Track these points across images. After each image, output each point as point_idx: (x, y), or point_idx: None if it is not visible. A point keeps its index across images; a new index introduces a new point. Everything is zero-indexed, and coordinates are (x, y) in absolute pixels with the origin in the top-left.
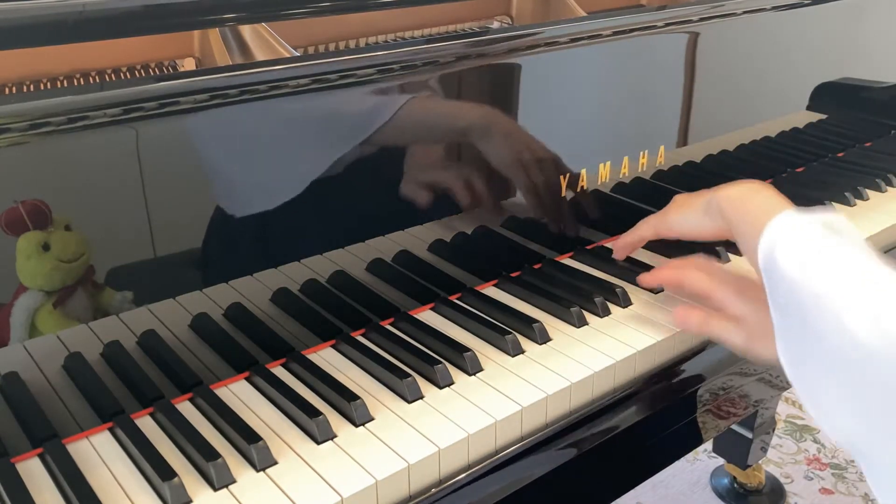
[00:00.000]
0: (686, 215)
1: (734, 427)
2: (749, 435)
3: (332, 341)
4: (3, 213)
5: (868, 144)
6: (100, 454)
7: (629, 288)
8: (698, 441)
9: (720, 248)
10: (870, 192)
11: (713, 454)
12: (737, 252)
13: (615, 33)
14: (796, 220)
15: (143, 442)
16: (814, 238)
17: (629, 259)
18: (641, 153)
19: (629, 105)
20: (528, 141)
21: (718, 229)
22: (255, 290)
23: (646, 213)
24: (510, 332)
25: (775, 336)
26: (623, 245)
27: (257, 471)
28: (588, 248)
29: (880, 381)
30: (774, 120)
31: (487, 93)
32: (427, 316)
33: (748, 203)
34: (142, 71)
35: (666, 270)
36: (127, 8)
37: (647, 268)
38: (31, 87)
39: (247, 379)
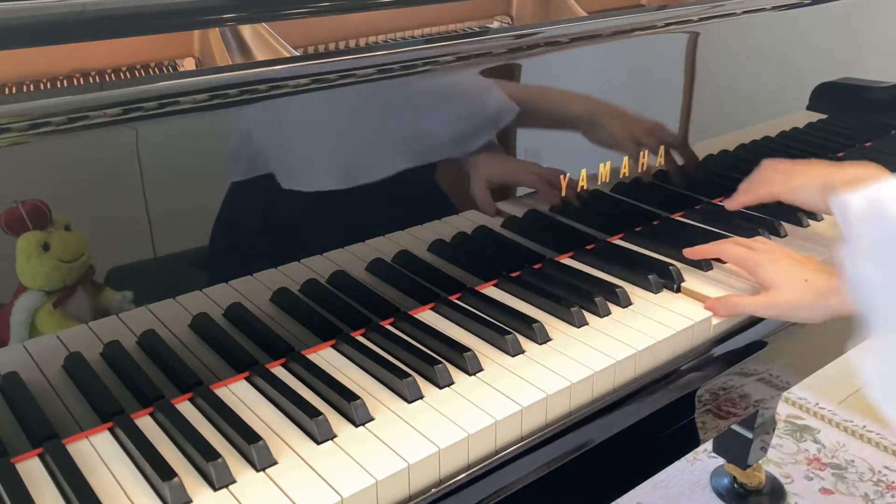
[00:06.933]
0: (806, 190)
1: (734, 427)
2: (749, 435)
3: (332, 341)
4: (3, 213)
5: (868, 144)
6: (100, 454)
7: (629, 288)
8: (698, 441)
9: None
10: None
11: (713, 454)
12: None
13: (615, 33)
14: None
15: (143, 442)
16: None
17: (630, 258)
18: (641, 153)
19: (629, 105)
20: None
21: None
22: (255, 290)
23: (646, 213)
24: (510, 332)
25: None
26: (740, 202)
27: (257, 471)
28: (588, 248)
29: None
30: (774, 120)
31: (487, 93)
32: (427, 316)
33: (863, 182)
34: (142, 71)
35: (707, 246)
36: (127, 8)
37: (651, 263)
38: (31, 87)
39: (247, 379)
